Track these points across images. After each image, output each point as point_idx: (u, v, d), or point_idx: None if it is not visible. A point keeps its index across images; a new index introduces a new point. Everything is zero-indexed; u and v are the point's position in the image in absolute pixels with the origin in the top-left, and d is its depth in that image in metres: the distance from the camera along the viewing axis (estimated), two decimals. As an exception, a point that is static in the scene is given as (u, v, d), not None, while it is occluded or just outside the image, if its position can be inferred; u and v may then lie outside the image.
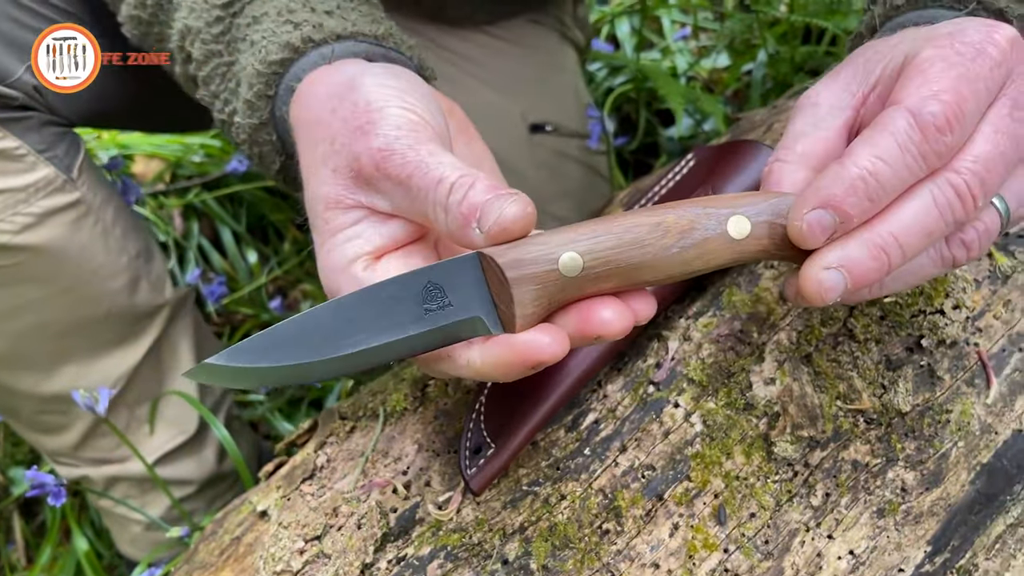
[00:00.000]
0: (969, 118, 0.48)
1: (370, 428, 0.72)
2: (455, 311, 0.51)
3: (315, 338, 0.50)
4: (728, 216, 0.50)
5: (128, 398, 1.05)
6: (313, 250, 0.58)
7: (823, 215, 0.48)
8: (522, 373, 0.50)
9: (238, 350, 0.50)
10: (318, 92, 0.58)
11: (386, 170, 0.52)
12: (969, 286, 0.68)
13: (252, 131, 0.64)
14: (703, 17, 1.65)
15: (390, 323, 0.50)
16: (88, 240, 0.93)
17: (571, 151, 1.23)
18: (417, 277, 0.51)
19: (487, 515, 0.64)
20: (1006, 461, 0.65)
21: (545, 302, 0.49)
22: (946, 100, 0.47)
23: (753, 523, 0.62)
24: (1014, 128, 0.50)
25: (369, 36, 0.64)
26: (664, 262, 0.50)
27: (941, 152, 0.48)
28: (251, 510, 0.71)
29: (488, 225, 0.49)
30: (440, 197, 0.51)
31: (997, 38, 0.50)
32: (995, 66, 0.49)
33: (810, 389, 0.65)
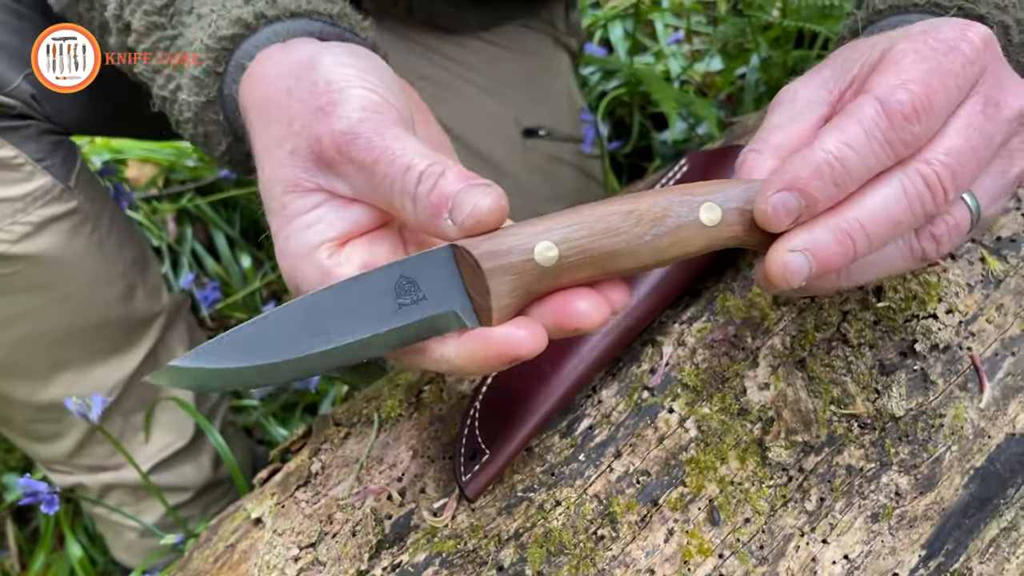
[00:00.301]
0: (938, 110, 0.48)
1: (365, 434, 0.72)
2: (430, 305, 0.50)
3: (285, 336, 0.49)
4: (700, 203, 0.50)
5: (124, 406, 1.05)
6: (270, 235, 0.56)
7: (788, 197, 0.48)
8: (499, 367, 0.49)
9: (204, 351, 0.49)
10: (270, 71, 0.56)
11: (349, 154, 0.51)
12: (962, 290, 0.68)
13: (199, 109, 0.61)
14: (696, 21, 1.65)
15: (363, 319, 0.49)
16: (85, 248, 0.92)
17: (565, 155, 1.24)
18: (389, 271, 0.50)
19: (482, 521, 0.64)
20: (999, 465, 0.65)
21: (522, 293, 0.49)
22: (914, 90, 0.48)
23: (748, 528, 0.62)
24: (986, 125, 0.50)
25: (324, 15, 0.61)
26: (638, 249, 0.49)
27: (908, 141, 0.48)
28: (245, 517, 0.71)
29: (462, 217, 0.48)
30: (408, 186, 0.49)
31: (971, 36, 0.50)
32: (967, 63, 0.49)
33: (804, 394, 0.65)
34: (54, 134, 0.89)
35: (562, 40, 1.28)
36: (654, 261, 0.51)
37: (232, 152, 0.63)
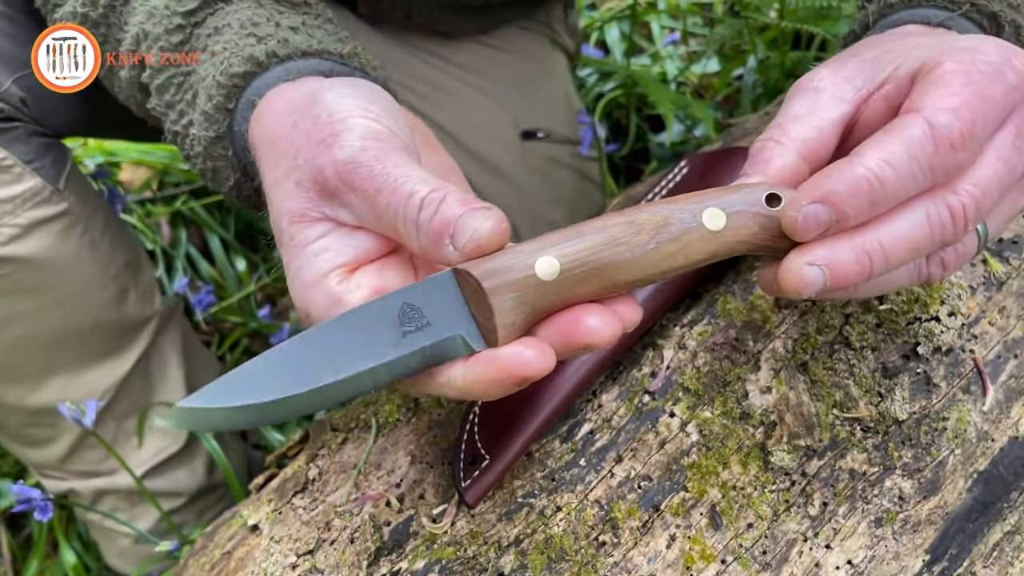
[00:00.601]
0: (980, 139, 0.48)
1: (363, 440, 0.71)
2: (435, 331, 0.49)
3: (292, 371, 0.48)
4: (701, 209, 0.49)
5: (116, 410, 1.04)
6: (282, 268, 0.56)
7: (820, 210, 0.47)
8: (508, 390, 0.48)
9: (213, 390, 0.48)
10: (278, 109, 0.57)
11: (352, 183, 0.51)
12: (964, 293, 0.67)
13: (208, 144, 0.62)
14: (693, 22, 1.65)
15: (369, 350, 0.48)
16: (76, 251, 0.91)
17: (563, 157, 1.23)
18: (392, 300, 0.49)
19: (482, 528, 0.63)
20: (1003, 468, 0.65)
21: (526, 310, 0.48)
22: (964, 117, 0.47)
23: (751, 533, 0.61)
24: (1014, 156, 0.50)
25: (335, 55, 0.62)
26: (642, 259, 0.49)
27: (949, 168, 0.47)
28: (242, 524, 0.70)
29: (463, 242, 0.48)
30: (410, 214, 0.49)
31: (1016, 63, 0.49)
32: (1009, 90, 0.49)
33: (806, 398, 0.64)
34: (44, 136, 0.88)
35: (559, 42, 1.27)
36: (659, 271, 0.50)
37: (240, 187, 0.64)
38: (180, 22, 0.63)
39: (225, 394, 0.48)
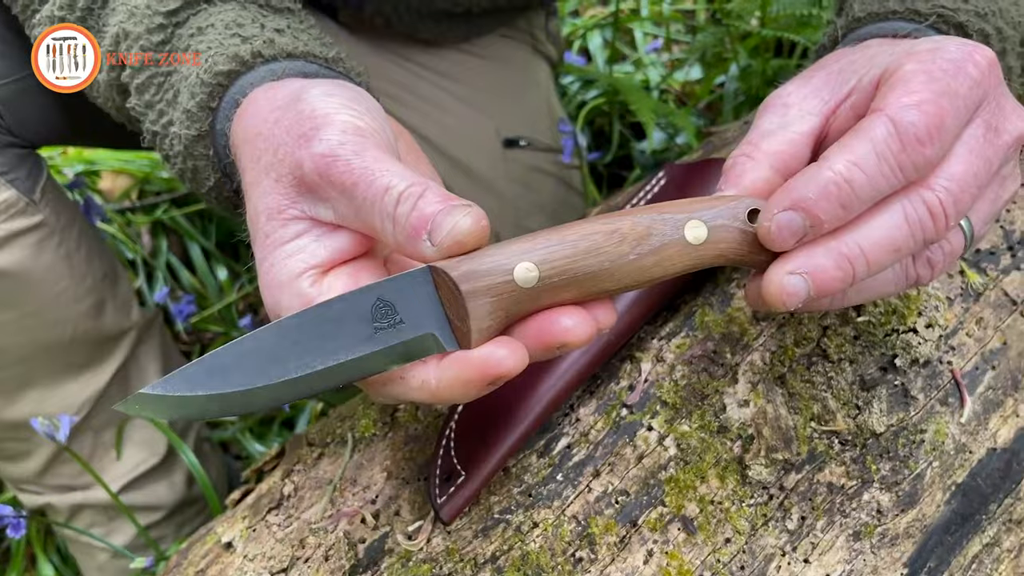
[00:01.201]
0: (947, 134, 0.48)
1: (338, 455, 0.70)
2: (407, 328, 0.48)
3: (259, 362, 0.47)
4: (684, 221, 0.49)
5: (94, 423, 1.03)
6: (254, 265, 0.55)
7: (793, 217, 0.47)
8: (480, 391, 0.48)
9: (175, 378, 0.47)
10: (261, 107, 0.56)
11: (329, 177, 0.50)
12: (942, 304, 0.67)
13: (189, 143, 0.61)
14: (675, 30, 1.65)
15: (338, 344, 0.48)
16: (51, 263, 0.90)
17: (545, 166, 1.23)
18: (366, 294, 0.48)
19: (458, 544, 0.62)
20: (981, 480, 0.64)
21: (502, 315, 0.48)
22: (928, 111, 0.47)
23: (728, 548, 0.61)
24: (986, 151, 0.50)
25: (320, 58, 0.62)
26: (621, 269, 0.48)
27: (919, 164, 0.47)
28: (216, 541, 0.69)
29: (441, 238, 0.47)
30: (387, 207, 0.48)
31: (977, 58, 0.50)
32: (974, 85, 0.49)
33: (784, 411, 0.64)
34: (19, 147, 0.87)
35: (541, 49, 1.27)
36: (636, 281, 0.49)
37: (220, 188, 0.63)
38: (162, 21, 0.63)
39: (189, 383, 0.47)
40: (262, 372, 0.47)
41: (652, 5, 1.68)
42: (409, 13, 1.05)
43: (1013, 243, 0.70)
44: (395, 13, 1.04)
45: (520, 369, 0.47)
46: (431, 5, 1.05)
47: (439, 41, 1.13)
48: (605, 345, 0.66)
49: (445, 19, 1.10)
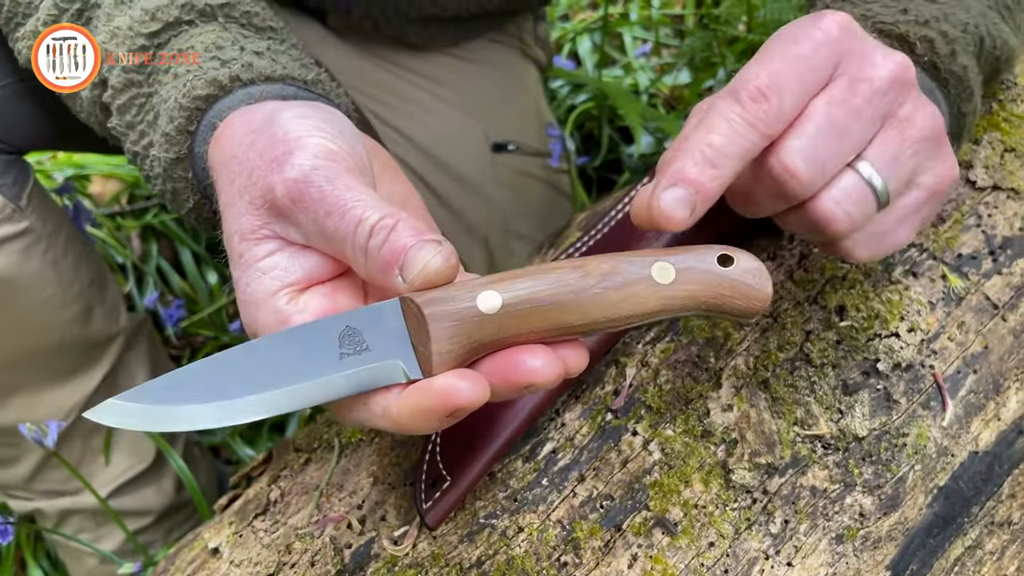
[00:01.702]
0: (788, 89, 0.51)
1: (325, 460, 0.70)
2: (372, 356, 0.49)
3: (227, 380, 0.48)
4: (651, 263, 0.50)
5: (83, 428, 1.03)
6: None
7: (675, 190, 0.50)
8: (440, 422, 0.48)
9: (144, 390, 0.48)
10: (236, 130, 0.56)
11: (302, 203, 0.50)
12: (924, 308, 0.68)
13: (168, 166, 0.62)
14: (664, 34, 1.65)
15: (305, 367, 0.48)
16: (38, 269, 0.90)
17: (534, 170, 1.23)
18: (335, 321, 0.49)
19: (443, 549, 0.63)
20: (963, 483, 0.65)
21: (463, 340, 0.47)
22: (758, 73, 0.51)
23: (712, 552, 0.61)
24: (853, 99, 0.52)
25: (298, 80, 0.62)
26: (587, 303, 0.48)
27: (765, 118, 0.51)
28: (203, 547, 0.70)
29: (412, 276, 0.48)
30: (359, 240, 0.49)
31: (823, 23, 0.53)
32: (818, 46, 0.52)
33: (768, 415, 0.65)
34: (5, 153, 0.87)
35: (530, 53, 1.28)
36: (606, 318, 0.49)
37: (200, 210, 0.63)
38: (144, 43, 0.63)
39: (156, 394, 0.48)
40: (231, 390, 0.48)
41: (641, 9, 1.69)
42: (398, 17, 1.05)
43: (994, 248, 0.70)
44: (383, 17, 1.05)
45: (480, 403, 0.46)
46: (419, 9, 1.05)
47: (428, 45, 1.14)
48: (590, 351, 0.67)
49: (434, 23, 1.10)
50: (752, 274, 0.51)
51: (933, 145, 0.55)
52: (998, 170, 0.72)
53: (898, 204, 0.56)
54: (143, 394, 0.48)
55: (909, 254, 0.70)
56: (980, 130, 0.74)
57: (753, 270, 0.51)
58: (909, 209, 0.57)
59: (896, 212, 0.56)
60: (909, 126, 0.54)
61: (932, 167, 0.56)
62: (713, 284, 0.50)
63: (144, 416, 0.48)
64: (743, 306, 0.51)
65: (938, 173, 0.56)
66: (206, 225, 0.64)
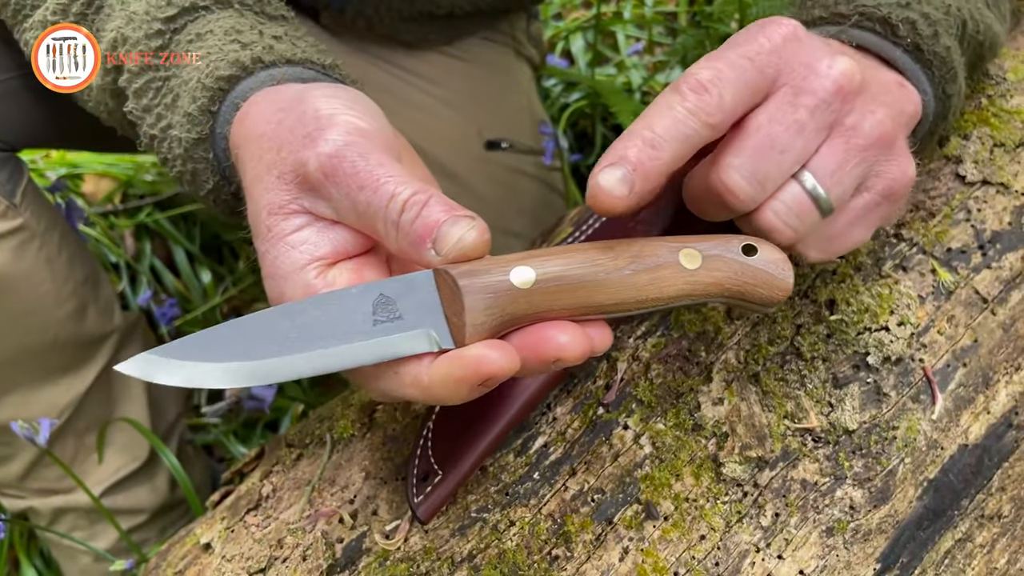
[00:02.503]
0: (729, 83, 0.52)
1: (317, 455, 0.71)
2: (405, 324, 0.50)
3: (262, 340, 0.49)
4: (679, 248, 0.52)
5: (77, 426, 1.03)
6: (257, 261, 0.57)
7: (612, 168, 0.50)
8: (471, 391, 0.49)
9: (178, 346, 0.49)
10: (263, 109, 0.57)
11: (335, 178, 0.51)
12: (913, 302, 0.68)
13: (190, 146, 0.62)
14: (658, 32, 1.66)
15: (338, 332, 0.49)
16: (32, 267, 0.90)
17: (527, 168, 1.23)
18: (370, 289, 0.50)
19: (435, 543, 0.63)
20: (953, 476, 0.65)
21: (496, 313, 0.49)
22: (697, 72, 0.52)
23: (703, 545, 0.61)
24: (795, 113, 0.53)
25: (317, 64, 0.63)
26: (616, 283, 0.50)
27: (706, 108, 0.51)
28: (195, 542, 0.70)
29: (446, 249, 0.49)
30: (392, 215, 0.50)
31: (769, 29, 0.54)
32: (761, 51, 0.53)
33: (758, 409, 0.65)
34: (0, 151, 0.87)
35: (523, 52, 1.28)
36: (634, 299, 0.51)
37: (219, 191, 0.64)
38: (160, 27, 0.64)
39: (189, 350, 0.49)
40: (264, 349, 0.49)
41: (634, 8, 1.69)
42: (391, 15, 1.05)
43: (984, 242, 0.70)
44: (376, 15, 1.05)
45: (510, 372, 0.48)
46: (413, 7, 1.05)
47: (421, 44, 1.14)
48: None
49: (427, 21, 1.10)
50: (775, 264, 0.53)
51: (882, 150, 0.56)
52: (987, 165, 0.73)
53: (848, 208, 0.57)
54: (177, 349, 0.49)
55: (899, 248, 0.70)
56: (970, 125, 0.75)
57: (776, 260, 0.53)
58: (859, 212, 0.57)
59: (846, 216, 0.57)
60: (855, 135, 0.55)
61: (882, 171, 0.56)
62: (738, 272, 0.52)
63: (176, 371, 0.49)
64: (765, 295, 0.53)
65: (890, 177, 0.57)
66: (224, 207, 0.65)
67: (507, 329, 0.50)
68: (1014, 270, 0.70)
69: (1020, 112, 0.75)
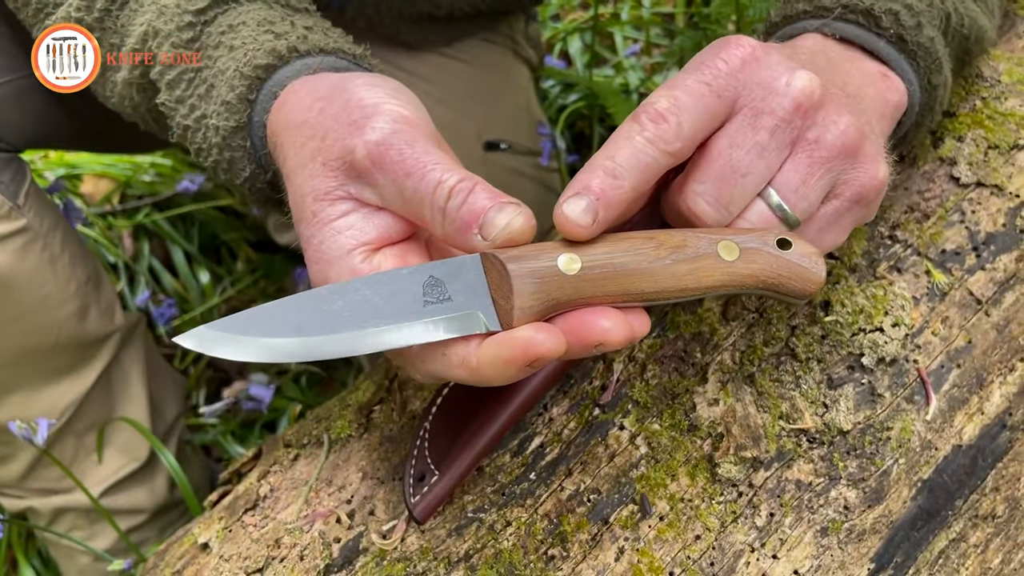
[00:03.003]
0: (688, 110, 0.53)
1: (314, 456, 0.71)
2: (454, 305, 0.51)
3: (315, 317, 0.50)
4: (718, 240, 0.53)
5: (77, 426, 1.03)
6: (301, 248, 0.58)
7: (577, 199, 0.51)
8: (519, 372, 0.50)
9: (233, 321, 0.50)
10: (303, 97, 0.59)
11: (382, 164, 0.52)
12: (908, 304, 0.68)
13: (228, 134, 0.63)
14: (655, 33, 1.66)
15: (390, 311, 0.50)
16: (35, 268, 0.91)
17: (525, 169, 1.24)
18: (420, 271, 0.52)
19: (432, 543, 0.63)
20: (947, 477, 0.65)
21: (543, 298, 0.50)
22: (655, 101, 0.54)
23: (698, 545, 0.62)
24: (756, 136, 0.54)
25: (349, 54, 0.64)
26: (659, 272, 0.52)
27: (664, 136, 0.53)
28: (193, 542, 0.70)
29: (494, 234, 0.50)
30: (438, 201, 0.51)
31: (727, 52, 0.56)
32: (719, 75, 0.54)
33: (753, 409, 0.65)
34: (2, 152, 0.87)
35: (522, 53, 1.28)
36: (674, 288, 0.52)
37: (255, 179, 0.65)
38: (191, 19, 0.65)
39: (245, 326, 0.50)
40: (321, 326, 0.50)
41: (632, 9, 1.69)
42: (391, 15, 1.06)
43: (978, 244, 0.71)
44: (377, 15, 1.05)
45: (557, 354, 0.49)
46: (413, 7, 1.06)
47: (420, 45, 1.14)
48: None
49: (426, 22, 1.11)
50: (808, 258, 0.54)
51: (847, 159, 0.56)
52: (982, 167, 0.73)
53: (817, 217, 0.58)
54: (233, 324, 0.50)
55: (894, 250, 0.71)
56: (964, 127, 0.75)
57: (809, 255, 0.54)
58: (830, 219, 0.59)
59: (816, 223, 0.58)
60: (817, 148, 0.56)
61: (850, 179, 0.57)
62: (773, 265, 0.53)
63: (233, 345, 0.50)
64: (798, 287, 0.54)
65: (859, 183, 0.57)
66: (258, 195, 0.66)
67: (552, 313, 0.51)
68: (1008, 271, 0.70)
69: (1014, 114, 0.75)
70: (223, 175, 0.66)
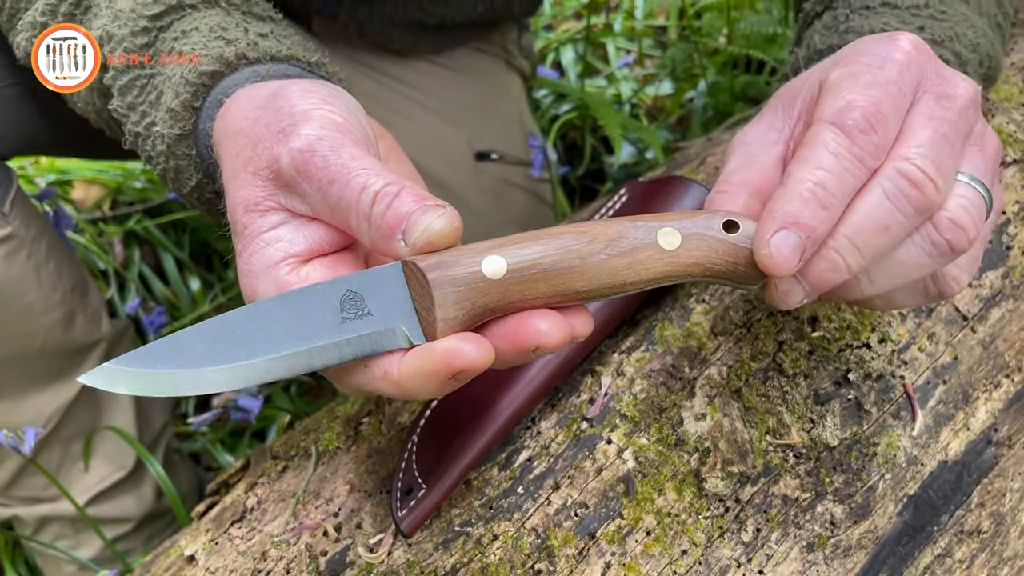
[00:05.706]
0: (890, 118, 0.50)
1: (302, 468, 0.71)
2: (374, 320, 0.48)
3: (226, 344, 0.47)
4: (657, 228, 0.50)
5: (63, 434, 1.02)
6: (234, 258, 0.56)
7: (786, 235, 0.48)
8: (443, 385, 0.48)
9: (141, 354, 0.47)
10: (243, 106, 0.57)
11: (307, 172, 0.50)
12: (895, 320, 0.69)
13: (172, 142, 0.62)
14: (648, 44, 1.67)
15: (306, 331, 0.48)
16: (21, 275, 0.90)
17: (516, 179, 1.24)
18: (337, 285, 0.49)
19: (418, 557, 0.63)
20: (932, 492, 0.66)
21: (468, 306, 0.47)
22: (862, 104, 0.49)
23: (685, 560, 0.62)
24: (947, 115, 0.51)
25: (303, 62, 0.63)
26: (593, 268, 0.48)
27: (872, 152, 0.49)
28: (179, 554, 0.70)
29: (414, 237, 0.47)
30: (363, 207, 0.49)
31: (900, 43, 0.52)
32: (903, 69, 0.51)
33: (740, 424, 0.65)
34: (-12, 159, 0.87)
35: (514, 63, 1.28)
36: (610, 284, 0.49)
37: (202, 189, 0.64)
38: (146, 25, 0.63)
39: (153, 359, 0.47)
40: (230, 354, 0.47)
41: (625, 20, 1.70)
42: (383, 22, 1.06)
43: (964, 260, 0.71)
44: (369, 22, 1.05)
45: (485, 365, 0.47)
46: (405, 15, 1.06)
47: (412, 52, 1.14)
48: (566, 359, 0.67)
49: (418, 30, 1.11)
50: (759, 240, 0.49)
51: (998, 166, 0.55)
52: (968, 184, 0.73)
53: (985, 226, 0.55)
54: (139, 358, 0.47)
55: (881, 266, 0.71)
56: (951, 144, 0.75)
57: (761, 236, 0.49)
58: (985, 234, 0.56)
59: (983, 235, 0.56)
60: (986, 145, 0.54)
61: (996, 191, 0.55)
62: (718, 250, 0.50)
63: (139, 380, 0.47)
64: (749, 272, 0.51)
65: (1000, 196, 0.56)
66: (208, 205, 0.65)
67: (481, 321, 0.49)
68: (994, 288, 0.71)
69: (1001, 132, 0.76)
70: (171, 184, 0.65)
